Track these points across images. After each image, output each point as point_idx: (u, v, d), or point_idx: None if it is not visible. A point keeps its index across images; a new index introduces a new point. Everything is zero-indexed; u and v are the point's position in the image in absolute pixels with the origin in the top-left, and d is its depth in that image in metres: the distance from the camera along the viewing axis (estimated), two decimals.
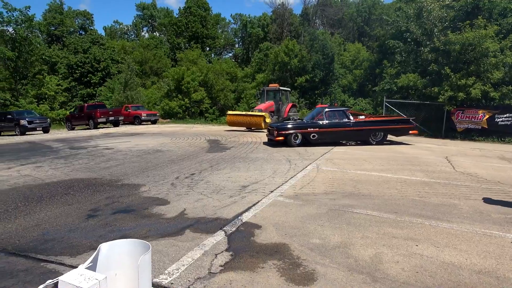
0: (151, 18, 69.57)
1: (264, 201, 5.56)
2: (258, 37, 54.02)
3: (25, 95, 36.89)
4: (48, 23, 49.10)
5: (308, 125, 12.22)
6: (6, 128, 22.09)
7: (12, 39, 35.40)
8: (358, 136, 12.81)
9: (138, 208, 5.28)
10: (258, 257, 3.63)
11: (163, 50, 51.66)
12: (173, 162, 9.18)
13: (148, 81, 43.14)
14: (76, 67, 41.69)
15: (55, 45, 47.06)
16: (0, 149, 13.00)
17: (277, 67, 35.93)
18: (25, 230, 4.43)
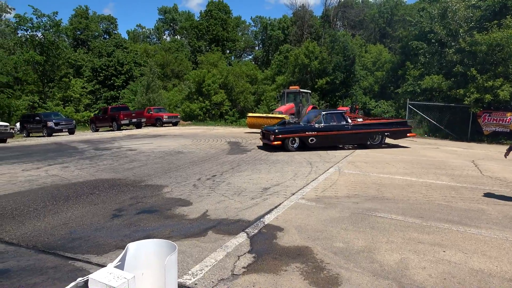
0: (173, 22, 70.69)
1: (285, 204, 5.54)
2: (278, 39, 54.02)
3: (52, 98, 38.10)
4: (74, 28, 50.64)
5: (306, 129, 11.62)
6: (35, 129, 22.87)
7: (40, 44, 36.67)
8: (357, 139, 12.29)
9: (161, 208, 5.35)
10: (281, 259, 3.61)
11: (184, 53, 52.35)
12: (195, 164, 9.27)
13: (169, 83, 43.78)
14: (100, 70, 42.77)
15: (80, 49, 48.46)
16: (29, 149, 13.46)
17: (297, 69, 35.82)
18: (54, 229, 4.56)
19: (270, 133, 11.48)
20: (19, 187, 6.86)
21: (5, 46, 37.82)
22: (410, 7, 44.60)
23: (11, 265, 3.55)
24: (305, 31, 48.64)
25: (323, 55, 35.10)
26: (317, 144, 11.58)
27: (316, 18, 52.00)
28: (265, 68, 51.33)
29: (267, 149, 11.94)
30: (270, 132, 11.53)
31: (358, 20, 49.76)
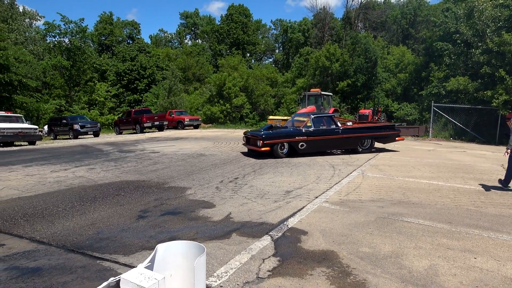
0: (194, 26, 71.62)
1: (309, 207, 5.49)
2: (299, 42, 53.87)
3: (78, 101, 39.20)
4: (99, 33, 52.00)
5: (295, 133, 10.73)
6: (61, 132, 23.57)
7: (67, 49, 37.87)
8: (347, 144, 11.52)
9: (185, 210, 5.40)
10: (306, 263, 3.58)
11: (205, 57, 52.90)
12: (217, 166, 9.33)
13: (190, 87, 44.31)
14: (124, 74, 43.72)
15: (105, 54, 49.71)
16: (57, 151, 13.87)
17: (317, 71, 35.61)
18: (82, 229, 4.68)
19: (257, 138, 10.51)
20: (48, 188, 7.08)
21: (35, 52, 39.19)
22: (433, 7, 43.66)
23: (42, 264, 3.65)
24: (326, 34, 48.33)
25: (344, 57, 34.77)
26: (307, 149, 10.79)
27: (337, 20, 51.62)
28: (285, 71, 51.25)
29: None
30: (257, 137, 10.58)
31: (380, 22, 49.09)
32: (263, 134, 10.49)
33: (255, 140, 10.63)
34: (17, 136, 18.00)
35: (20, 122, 19.41)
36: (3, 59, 25.15)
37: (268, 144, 10.37)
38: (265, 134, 10.50)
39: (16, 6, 44.82)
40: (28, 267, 3.58)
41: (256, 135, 10.76)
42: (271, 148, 10.44)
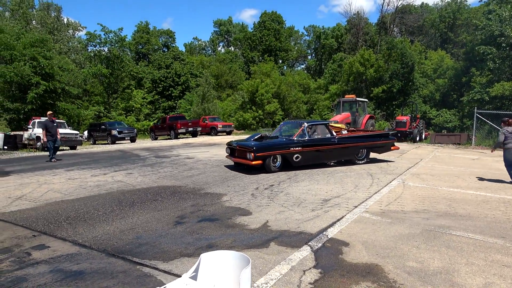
0: (227, 34, 72.67)
1: (348, 217, 5.30)
2: (332, 48, 53.33)
3: (116, 108, 40.64)
4: (136, 42, 53.85)
5: (289, 144, 9.46)
6: (100, 137, 24.47)
7: (106, 58, 39.42)
8: (343, 154, 10.41)
9: (222, 217, 5.36)
10: (349, 277, 3.41)
11: (238, 64, 53.47)
12: (251, 173, 9.27)
13: (223, 93, 44.87)
14: (159, 82, 44.94)
15: (141, 62, 51.37)
16: (96, 156, 14.36)
17: (351, 77, 35.05)
18: (122, 233, 4.74)
19: (247, 150, 9.10)
20: (89, 192, 7.28)
21: (77, 61, 41.15)
22: (474, 10, 41.94)
23: (85, 267, 3.70)
24: (360, 39, 47.56)
25: (379, 63, 34.04)
26: (302, 162, 9.54)
27: (372, 25, 50.70)
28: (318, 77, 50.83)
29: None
30: (246, 149, 9.16)
31: (417, 26, 47.73)
32: (255, 145, 9.09)
33: (245, 152, 9.19)
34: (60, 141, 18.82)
35: (63, 127, 20.32)
36: (48, 68, 26.49)
37: (260, 157, 8.94)
38: (256, 145, 9.11)
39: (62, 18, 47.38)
40: (71, 270, 3.65)
41: (245, 146, 9.32)
42: (263, 162, 9.05)
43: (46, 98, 27.04)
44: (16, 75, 25.01)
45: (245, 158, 9.16)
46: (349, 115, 19.19)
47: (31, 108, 26.31)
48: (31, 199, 6.81)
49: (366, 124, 19.30)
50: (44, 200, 6.65)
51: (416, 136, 19.57)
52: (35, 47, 27.01)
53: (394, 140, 11.39)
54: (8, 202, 6.58)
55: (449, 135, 20.60)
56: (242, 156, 9.33)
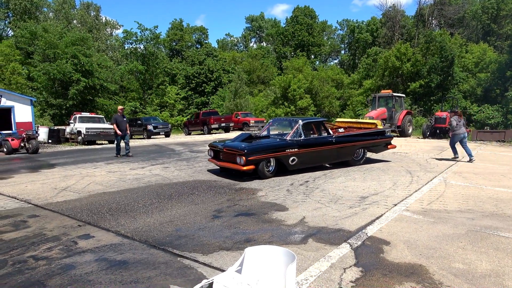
0: (259, 29, 72.58)
1: (388, 215, 5.15)
2: (366, 42, 52.05)
3: (151, 103, 41.72)
4: (171, 39, 54.96)
5: (285, 145, 8.17)
6: (136, 132, 25.22)
7: (142, 55, 40.50)
8: (341, 155, 9.24)
9: (258, 212, 5.37)
10: (392, 276, 3.32)
11: (270, 60, 53.33)
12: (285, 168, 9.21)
13: (255, 89, 44.95)
14: (193, 78, 45.65)
15: (175, 58, 52.41)
16: (134, 150, 14.79)
17: (387, 72, 34.08)
18: (161, 225, 4.85)
19: (236, 152, 7.68)
20: (128, 185, 7.52)
21: (114, 58, 42.54)
22: None
23: (128, 257, 3.82)
24: (396, 32, 46.08)
25: (416, 57, 32.87)
26: (298, 165, 8.31)
27: (409, 18, 49.00)
28: (352, 72, 49.82)
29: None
30: (235, 152, 7.73)
31: (457, 18, 45.56)
32: (246, 147, 7.64)
33: (233, 155, 7.77)
34: (99, 135, 19.59)
35: (101, 122, 21.11)
36: (88, 65, 27.60)
37: (253, 160, 7.55)
38: (248, 147, 7.67)
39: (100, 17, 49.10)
40: (115, 259, 3.77)
41: (234, 148, 7.82)
42: (256, 166, 7.68)
43: (86, 94, 28.20)
44: (59, 72, 26.24)
45: (233, 162, 7.73)
46: (385, 111, 18.66)
47: (72, 103, 27.54)
48: (75, 190, 7.11)
49: (403, 120, 18.70)
50: (87, 192, 6.93)
51: None
52: (76, 46, 28.20)
53: (391, 138, 10.47)
54: (54, 193, 6.91)
55: (492, 132, 19.56)
56: (230, 160, 7.87)
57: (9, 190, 7.25)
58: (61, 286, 3.21)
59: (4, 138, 15.19)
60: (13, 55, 34.63)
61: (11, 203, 6.22)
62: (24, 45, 35.36)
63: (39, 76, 27.57)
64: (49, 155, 14.44)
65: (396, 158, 10.91)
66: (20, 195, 6.81)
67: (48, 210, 5.73)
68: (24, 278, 3.39)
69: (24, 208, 5.91)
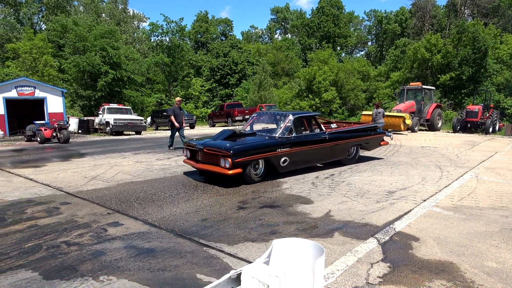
0: (284, 21, 71.90)
1: (417, 211, 5.02)
2: (394, 33, 50.62)
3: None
4: (196, 32, 55.29)
5: (275, 143, 7.06)
6: (162, 123, 25.65)
7: (168, 47, 40.95)
8: (334, 153, 8.27)
9: (283, 204, 5.35)
10: (421, 273, 3.23)
11: (295, 51, 52.77)
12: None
13: (280, 81, 44.66)
14: (217, 70, 45.82)
15: (200, 51, 52.71)
16: (160, 141, 15.09)
17: (415, 64, 33.05)
18: (187, 215, 4.92)
19: (220, 153, 6.44)
20: (155, 175, 7.66)
21: (141, 50, 43.22)
22: None
23: (155, 246, 3.90)
24: (426, 23, 44.56)
25: (447, 48, 31.69)
26: (289, 166, 7.26)
27: (440, 8, 47.22)
28: (379, 64, 48.66)
29: (388, 150, 10.53)
30: (218, 152, 6.48)
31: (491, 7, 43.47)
32: (232, 147, 6.47)
33: (216, 156, 6.54)
34: (127, 126, 20.05)
35: (129, 113, 21.58)
36: (116, 57, 28.15)
37: (240, 163, 6.37)
38: (234, 147, 6.51)
39: (128, 10, 49.93)
40: (143, 247, 3.86)
41: (217, 148, 6.59)
42: (243, 169, 6.52)
43: (114, 85, 28.81)
44: (88, 64, 26.91)
45: (216, 165, 6.49)
46: (414, 104, 18.14)
47: (100, 95, 28.22)
48: (104, 179, 7.31)
49: (432, 113, 18.14)
50: (115, 181, 7.11)
51: (488, 127, 17.99)
52: (105, 38, 28.79)
53: (383, 134, 9.69)
54: (84, 181, 7.13)
55: None
56: (212, 162, 6.65)
57: (42, 178, 7.54)
58: (92, 271, 3.31)
59: (38, 128, 15.78)
60: (45, 48, 35.75)
61: (45, 190, 6.46)
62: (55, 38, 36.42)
63: (70, 68, 28.39)
64: (79, 144, 14.91)
65: (425, 153, 10.60)
66: (53, 182, 7.07)
67: (79, 197, 5.92)
68: (57, 262, 3.52)
69: (56, 195, 6.13)
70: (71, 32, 30.34)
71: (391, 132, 16.89)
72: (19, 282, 3.14)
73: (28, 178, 7.62)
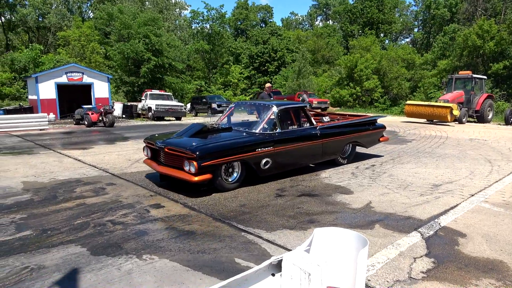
0: (326, 7, 70.12)
1: (464, 206, 4.77)
2: (443, 18, 47.91)
3: (215, 82, 42.73)
4: (236, 19, 55.29)
5: (254, 141, 5.69)
6: (201, 109, 26.09)
7: (208, 35, 41.34)
8: (328, 152, 6.92)
9: (322, 194, 5.28)
10: (468, 271, 3.08)
11: (336, 38, 51.44)
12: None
13: (319, 69, 43.86)
14: (256, 57, 45.70)
15: (240, 38, 52.74)
16: None
17: (465, 52, 31.16)
18: (226, 200, 4.98)
19: (183, 154, 5.13)
20: None
21: (182, 38, 43.98)
22: None
23: (195, 228, 3.99)
24: (478, 8, 41.77)
25: (501, 35, 29.55)
26: (273, 169, 5.93)
27: None
28: (425, 52, 46.42)
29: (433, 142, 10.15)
30: (182, 153, 5.18)
31: None
32: (198, 147, 5.14)
33: (179, 158, 5.23)
34: (168, 112, 20.58)
35: (170, 100, 22.12)
36: (158, 44, 28.85)
37: (209, 167, 5.05)
38: (201, 147, 5.17)
39: None
40: (184, 229, 3.96)
41: (180, 147, 5.29)
42: (213, 175, 5.18)
43: (156, 72, 29.61)
44: (132, 51, 27.79)
45: (179, 169, 5.24)
46: (462, 94, 17.15)
47: (143, 81, 29.12)
48: None
49: (482, 104, 17.08)
50: None
51: None
52: (148, 26, 29.52)
53: (384, 128, 8.35)
54: (128, 164, 7.42)
55: None
56: (175, 165, 5.36)
57: (90, 160, 7.93)
58: (135, 249, 3.45)
59: (85, 112, 16.57)
60: (93, 36, 37.31)
61: (92, 171, 6.80)
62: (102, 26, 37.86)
63: (115, 55, 29.47)
64: (123, 128, 15.51)
65: (474, 146, 10.03)
66: (99, 164, 7.42)
67: (123, 179, 6.17)
68: (104, 239, 3.70)
69: (102, 176, 6.42)
70: (116, 20, 31.40)
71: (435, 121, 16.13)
72: (69, 256, 3.33)
73: (77, 159, 8.05)
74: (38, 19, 42.60)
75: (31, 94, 21.90)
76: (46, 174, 6.62)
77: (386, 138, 8.45)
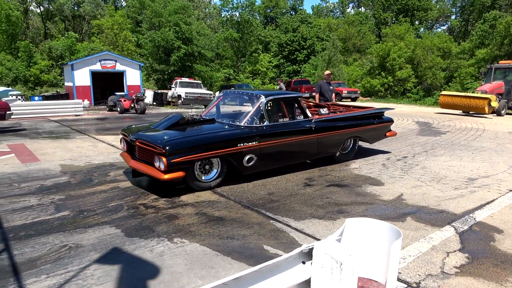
0: None
1: (501, 201, 4.59)
2: (484, 5, 45.43)
3: (243, 71, 42.69)
4: (265, 6, 54.71)
5: (236, 135, 5.15)
6: None
7: (237, 23, 41.23)
8: (324, 147, 6.25)
9: (351, 184, 5.22)
10: (504, 268, 2.97)
11: (368, 26, 49.98)
12: (380, 142, 8.72)
13: (350, 58, 42.88)
14: (285, 46, 45.18)
15: (269, 26, 52.25)
16: None
17: (506, 40, 29.59)
18: (255, 188, 5.02)
19: (153, 149, 4.67)
20: None
21: (211, 26, 44.10)
22: None
23: (224, 215, 4.05)
24: None
25: None
26: (258, 167, 5.35)
27: None
28: (462, 40, 44.37)
29: (469, 134, 9.77)
30: (151, 147, 4.72)
31: None
32: (169, 140, 4.67)
33: (150, 153, 4.78)
34: (196, 100, 20.80)
35: (199, 88, 22.34)
36: (188, 33, 29.06)
37: (180, 164, 4.55)
38: (172, 140, 4.69)
39: None
40: (213, 215, 4.03)
41: (150, 141, 4.83)
42: (186, 172, 4.66)
43: (185, 60, 29.91)
44: (162, 39, 28.17)
45: (150, 164, 4.79)
46: (502, 85, 16.30)
47: (173, 69, 29.51)
48: None
49: None
50: None
51: None
52: (178, 14, 29.77)
53: (391, 121, 7.55)
54: None
55: None
56: (147, 160, 4.90)
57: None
58: (167, 233, 3.55)
59: (118, 99, 17.03)
60: (125, 24, 38.07)
61: None
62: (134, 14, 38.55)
63: (146, 43, 29.99)
64: (154, 115, 15.84)
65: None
66: None
67: None
68: (137, 222, 3.83)
69: None
70: (148, 9, 31.87)
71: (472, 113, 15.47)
72: (104, 236, 3.47)
73: (110, 144, 8.32)
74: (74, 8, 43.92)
75: (67, 81, 22.73)
76: (82, 158, 6.89)
77: (394, 133, 7.69)
